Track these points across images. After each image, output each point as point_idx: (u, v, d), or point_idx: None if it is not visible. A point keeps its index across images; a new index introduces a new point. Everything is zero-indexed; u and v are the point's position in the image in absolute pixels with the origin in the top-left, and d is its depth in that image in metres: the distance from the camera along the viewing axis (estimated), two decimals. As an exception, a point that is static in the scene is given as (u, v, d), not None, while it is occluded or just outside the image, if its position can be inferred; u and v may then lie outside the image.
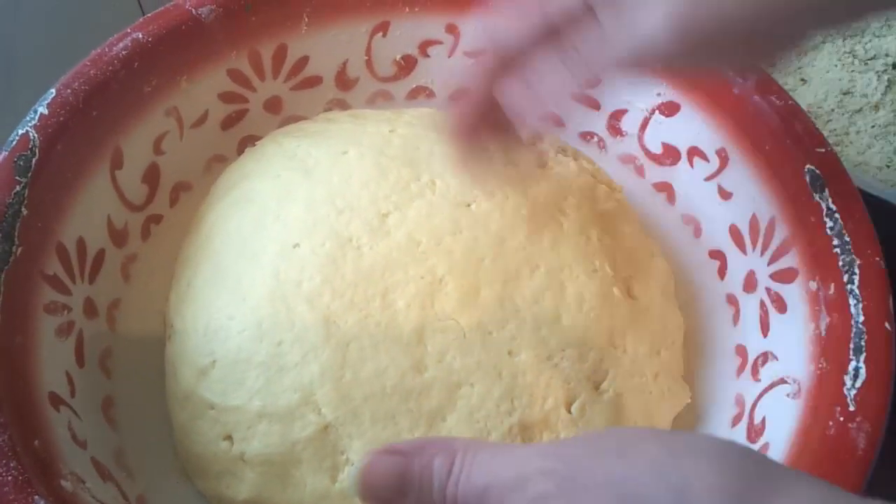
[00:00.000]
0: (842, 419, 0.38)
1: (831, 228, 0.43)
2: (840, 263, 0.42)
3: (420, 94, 0.58)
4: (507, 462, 0.28)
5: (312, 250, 0.45)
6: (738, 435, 0.45)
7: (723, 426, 0.46)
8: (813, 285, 0.43)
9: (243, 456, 0.42)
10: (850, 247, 0.42)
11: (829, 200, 0.44)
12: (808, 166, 0.45)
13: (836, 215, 0.43)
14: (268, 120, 0.56)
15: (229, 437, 0.43)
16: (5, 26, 0.57)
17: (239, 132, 0.55)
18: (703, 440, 0.28)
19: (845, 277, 0.42)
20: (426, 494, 0.29)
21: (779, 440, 0.41)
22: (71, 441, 0.40)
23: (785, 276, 0.46)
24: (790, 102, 0.48)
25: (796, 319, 0.44)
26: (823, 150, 0.45)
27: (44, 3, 0.60)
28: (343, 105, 0.57)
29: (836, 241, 0.43)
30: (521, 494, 0.27)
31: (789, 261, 0.45)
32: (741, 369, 0.47)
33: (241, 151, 0.55)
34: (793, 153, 0.46)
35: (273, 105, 0.56)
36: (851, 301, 0.41)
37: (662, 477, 0.26)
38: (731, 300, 0.50)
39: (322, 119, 0.55)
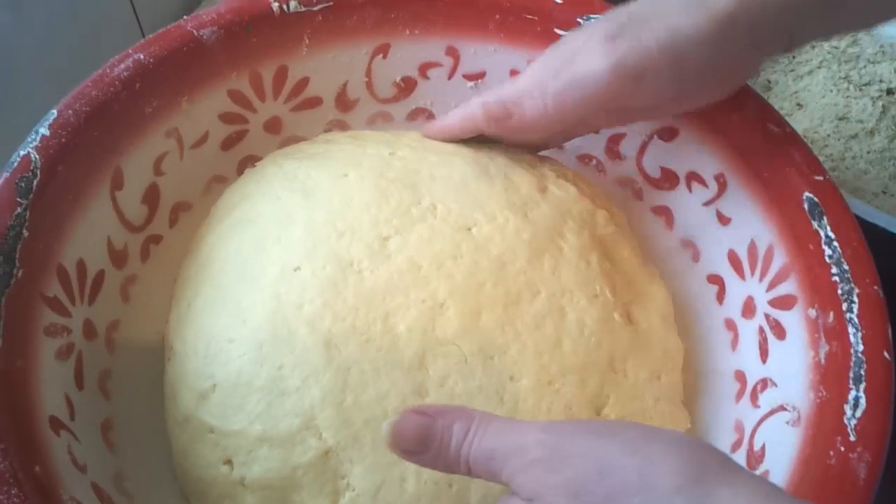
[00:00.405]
0: (842, 449, 0.38)
1: (830, 257, 0.44)
2: (839, 292, 0.42)
3: (419, 115, 0.58)
4: (513, 431, 0.34)
5: (313, 273, 0.45)
6: (738, 461, 0.44)
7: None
8: (812, 313, 0.44)
9: (243, 481, 0.42)
10: (848, 275, 0.43)
11: (828, 228, 0.44)
12: (806, 194, 0.46)
13: (835, 243, 0.44)
14: (268, 140, 0.56)
15: (229, 462, 0.43)
16: (6, 46, 0.57)
17: (239, 153, 0.55)
18: (674, 434, 0.33)
19: (844, 306, 0.42)
20: (444, 451, 0.35)
21: (779, 468, 0.41)
22: (71, 465, 0.40)
23: (784, 303, 0.46)
24: (788, 130, 0.48)
25: (795, 346, 0.44)
26: (822, 178, 0.46)
27: (44, 23, 0.60)
28: (343, 126, 0.58)
29: (834, 270, 0.43)
30: (520, 459, 0.33)
31: (788, 287, 0.46)
32: (740, 395, 0.47)
33: (240, 172, 0.55)
34: (791, 180, 0.47)
35: (273, 126, 0.56)
36: (851, 330, 0.41)
37: (632, 454, 0.31)
38: (730, 325, 0.50)
39: (322, 140, 0.55)
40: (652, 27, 0.43)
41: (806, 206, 0.45)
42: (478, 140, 0.54)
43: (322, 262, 0.45)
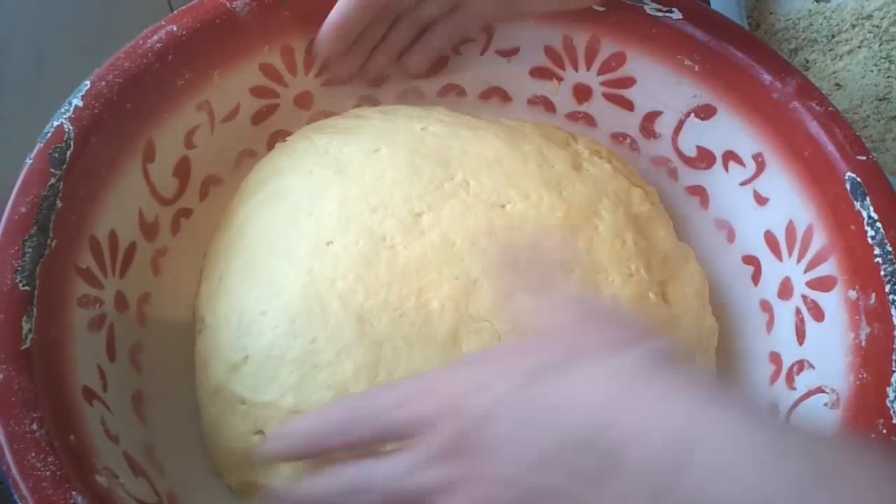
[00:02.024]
0: (885, 431, 0.38)
1: (873, 238, 0.43)
2: (882, 273, 0.42)
3: (450, 91, 0.58)
4: None
5: (346, 248, 0.45)
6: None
7: (756, 434, 0.46)
8: (852, 294, 0.43)
9: (277, 452, 0.42)
10: (892, 256, 0.42)
11: (871, 209, 0.43)
12: (848, 174, 0.45)
13: (878, 224, 0.43)
14: (298, 115, 0.55)
15: (260, 432, 0.43)
16: (35, 18, 0.56)
17: (269, 127, 0.55)
18: None
19: (888, 287, 0.41)
20: None
21: (816, 450, 0.40)
22: (104, 435, 0.40)
23: (822, 284, 0.45)
24: (830, 109, 0.47)
25: (834, 328, 0.43)
26: (864, 157, 0.45)
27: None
28: (373, 101, 0.57)
29: (877, 251, 0.42)
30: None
31: (827, 269, 0.45)
32: (775, 377, 0.47)
33: (270, 146, 0.54)
34: (833, 160, 0.46)
35: (303, 100, 0.55)
36: (894, 312, 0.41)
37: None
38: (765, 306, 0.49)
39: (352, 115, 0.55)
40: None
41: (848, 186, 0.44)
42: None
43: (355, 236, 0.45)
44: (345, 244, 0.45)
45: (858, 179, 0.44)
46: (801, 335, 0.46)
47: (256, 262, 0.46)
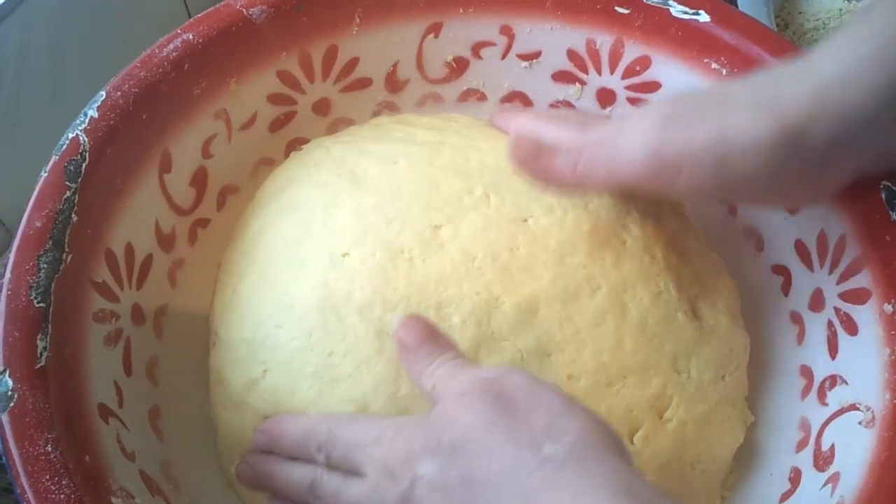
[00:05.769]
0: (926, 457, 0.36)
1: (910, 249, 0.41)
2: (920, 288, 0.40)
3: (471, 96, 0.57)
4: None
5: (362, 260, 0.44)
6: (804, 461, 0.43)
7: (787, 450, 0.45)
8: (888, 308, 0.41)
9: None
10: (930, 270, 0.40)
11: (908, 219, 0.42)
12: (884, 183, 0.43)
13: (916, 236, 0.41)
14: (316, 122, 0.54)
15: (280, 451, 0.42)
16: (52, 28, 0.56)
17: (287, 135, 0.54)
18: None
19: (925, 303, 0.40)
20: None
21: (851, 470, 0.39)
22: (120, 454, 0.39)
23: (856, 297, 0.44)
24: (864, 115, 0.45)
25: (869, 343, 0.42)
26: (901, 166, 0.43)
27: (88, 3, 0.59)
28: (392, 107, 0.56)
29: (915, 264, 0.41)
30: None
31: (861, 281, 0.43)
32: (806, 391, 0.45)
33: (288, 154, 0.53)
34: (867, 169, 0.44)
35: (322, 107, 0.54)
36: (932, 329, 0.39)
37: None
38: (796, 318, 0.48)
39: (371, 125, 0.54)
40: (707, 121, 0.39)
41: (883, 195, 0.43)
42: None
43: (371, 248, 0.44)
44: (361, 256, 0.44)
45: (894, 189, 0.43)
46: (833, 349, 0.45)
47: (271, 274, 0.45)
